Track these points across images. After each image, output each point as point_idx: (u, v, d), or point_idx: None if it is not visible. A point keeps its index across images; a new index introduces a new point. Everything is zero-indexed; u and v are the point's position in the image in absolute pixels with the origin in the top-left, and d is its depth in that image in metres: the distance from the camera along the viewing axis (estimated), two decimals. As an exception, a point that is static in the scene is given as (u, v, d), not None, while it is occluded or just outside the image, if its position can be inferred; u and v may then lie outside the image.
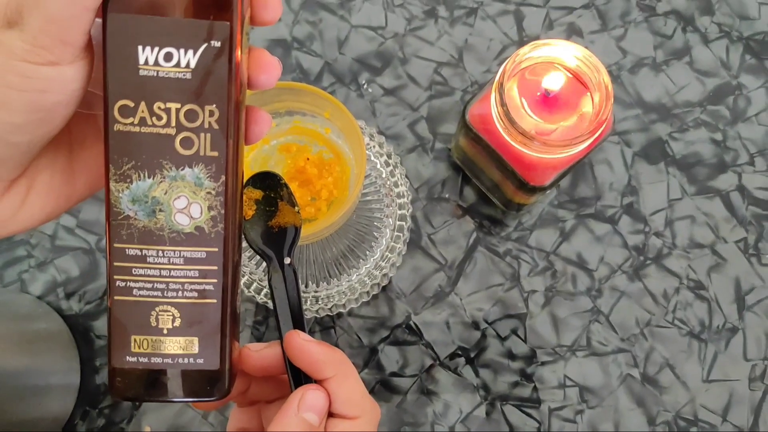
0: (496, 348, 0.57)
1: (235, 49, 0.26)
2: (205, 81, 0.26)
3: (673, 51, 0.63)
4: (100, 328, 0.57)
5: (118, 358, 0.27)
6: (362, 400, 0.35)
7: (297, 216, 0.40)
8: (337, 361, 0.34)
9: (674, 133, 0.61)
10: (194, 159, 0.27)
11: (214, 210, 0.27)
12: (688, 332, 0.57)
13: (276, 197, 0.40)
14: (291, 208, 0.40)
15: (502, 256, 0.59)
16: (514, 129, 0.46)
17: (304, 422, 0.33)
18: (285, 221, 0.40)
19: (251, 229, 0.40)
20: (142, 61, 0.26)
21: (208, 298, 0.27)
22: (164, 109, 0.26)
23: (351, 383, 0.34)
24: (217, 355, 0.28)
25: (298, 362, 0.35)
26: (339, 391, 0.34)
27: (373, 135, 0.55)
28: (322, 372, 0.34)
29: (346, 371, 0.34)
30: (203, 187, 0.27)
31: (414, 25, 0.63)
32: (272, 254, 0.39)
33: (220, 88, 0.26)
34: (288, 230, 0.39)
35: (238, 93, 0.27)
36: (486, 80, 0.62)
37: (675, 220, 0.59)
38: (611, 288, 0.58)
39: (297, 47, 0.62)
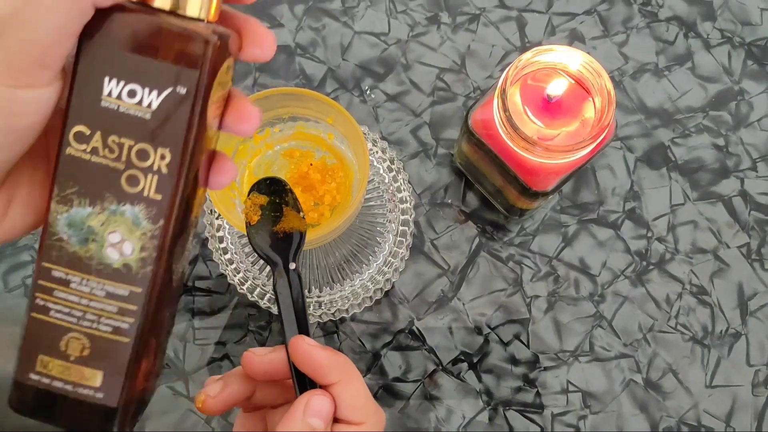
0: (498, 353, 0.57)
1: (199, 99, 0.26)
2: (164, 124, 0.26)
3: (675, 57, 0.63)
4: (104, 333, 0.57)
5: (22, 372, 0.27)
6: (367, 405, 0.35)
7: (302, 221, 0.40)
8: (342, 366, 0.34)
9: (676, 139, 0.61)
10: (137, 198, 0.26)
11: (146, 251, 0.27)
12: (691, 338, 0.57)
13: (281, 203, 0.41)
14: (296, 213, 0.40)
15: (504, 261, 0.59)
16: (517, 134, 0.46)
17: (309, 427, 0.33)
18: (290, 227, 0.40)
19: (256, 234, 0.40)
20: (106, 93, 0.26)
21: (121, 336, 0.27)
22: (117, 143, 0.26)
23: (356, 388, 0.34)
24: (118, 393, 0.27)
25: (303, 367, 0.35)
26: (344, 396, 0.34)
27: (376, 140, 0.55)
28: (327, 377, 0.34)
29: (351, 376, 0.35)
30: (140, 227, 0.27)
31: (417, 32, 0.63)
32: (277, 259, 0.39)
33: (177, 133, 0.26)
34: (293, 236, 0.40)
35: (198, 140, 0.27)
36: (488, 86, 0.62)
37: (677, 226, 0.59)
38: (614, 293, 0.58)
39: (300, 53, 0.62)
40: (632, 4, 0.64)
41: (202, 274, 0.58)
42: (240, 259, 0.53)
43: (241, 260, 0.53)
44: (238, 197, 0.49)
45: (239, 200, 0.49)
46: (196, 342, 0.57)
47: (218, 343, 0.57)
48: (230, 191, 0.48)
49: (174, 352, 0.57)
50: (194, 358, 0.57)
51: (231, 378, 0.37)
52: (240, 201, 0.49)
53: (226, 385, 0.37)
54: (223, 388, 0.37)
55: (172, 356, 0.57)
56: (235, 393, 0.37)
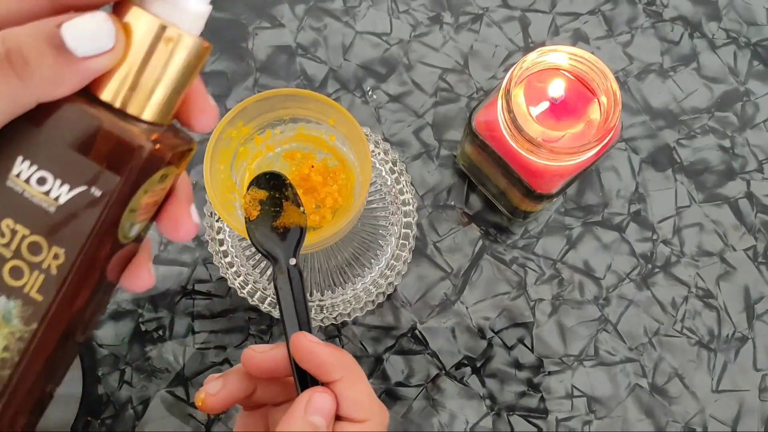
0: (502, 357, 0.56)
1: (113, 207, 0.23)
2: (66, 222, 0.23)
3: (680, 57, 0.62)
4: (103, 336, 0.57)
5: None
6: (370, 403, 0.34)
7: (302, 216, 0.39)
8: (345, 363, 0.34)
9: (682, 140, 0.60)
10: (15, 292, 0.24)
11: (8, 352, 0.24)
12: (697, 342, 0.57)
13: (281, 197, 0.40)
14: (296, 208, 0.40)
15: (508, 264, 0.58)
16: (521, 136, 0.45)
17: (311, 425, 0.32)
18: (290, 222, 0.39)
19: (256, 229, 0.39)
20: (15, 173, 0.23)
21: None
22: (11, 229, 0.23)
23: (359, 386, 0.34)
24: None
25: (305, 364, 0.34)
26: (346, 393, 0.33)
27: (378, 142, 0.54)
28: (330, 374, 0.33)
29: (354, 373, 0.34)
30: (9, 324, 0.24)
31: (419, 32, 0.62)
32: (278, 255, 0.38)
33: (78, 237, 0.23)
34: (293, 231, 0.39)
35: (101, 248, 0.24)
36: (491, 87, 0.61)
37: (683, 228, 0.59)
38: (619, 296, 0.57)
39: (301, 53, 0.62)
40: (637, 3, 0.63)
41: (202, 277, 0.58)
42: (240, 262, 0.52)
43: (241, 263, 0.52)
44: (238, 200, 0.49)
45: (240, 203, 0.49)
46: (196, 346, 0.56)
47: (218, 347, 0.56)
48: (230, 193, 0.48)
49: (173, 356, 0.56)
50: (194, 363, 0.56)
51: (231, 376, 0.37)
52: (240, 204, 0.49)
53: (226, 382, 0.36)
54: (224, 386, 0.36)
55: (172, 360, 0.56)
56: (235, 391, 0.36)
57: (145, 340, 0.57)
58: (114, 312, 0.57)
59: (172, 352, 0.56)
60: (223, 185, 0.47)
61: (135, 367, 0.56)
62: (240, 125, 0.46)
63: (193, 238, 0.27)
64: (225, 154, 0.47)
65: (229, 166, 0.48)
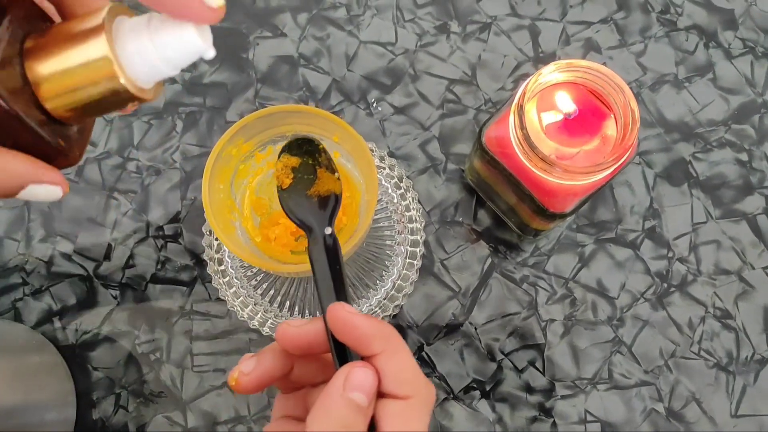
0: (512, 381, 0.54)
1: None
2: None
3: (695, 67, 0.60)
4: (97, 359, 0.55)
5: None
6: (415, 378, 0.31)
7: (337, 183, 0.38)
8: (386, 334, 0.31)
9: (698, 154, 0.58)
10: None
11: None
12: (715, 364, 0.54)
13: (314, 164, 0.38)
14: (330, 174, 0.38)
15: (518, 282, 0.56)
16: (534, 154, 0.43)
17: (350, 403, 0.29)
18: (325, 189, 0.37)
19: (288, 198, 0.38)
20: None
21: None
22: None
23: (402, 359, 0.31)
24: None
25: (343, 336, 0.31)
26: (389, 367, 0.30)
27: (384, 157, 0.52)
28: (370, 347, 0.30)
29: (397, 346, 0.31)
30: None
31: (425, 41, 0.60)
32: (312, 224, 0.36)
33: None
34: (328, 198, 0.37)
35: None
36: (500, 98, 0.59)
37: (700, 245, 0.56)
38: (634, 317, 0.55)
39: (304, 64, 0.60)
40: (650, 12, 0.61)
41: (200, 296, 0.55)
42: (241, 284, 0.50)
43: (242, 285, 0.50)
44: (238, 219, 0.47)
45: (240, 223, 0.47)
46: (195, 369, 0.54)
47: (218, 370, 0.54)
48: (230, 213, 0.46)
49: (171, 380, 0.54)
50: (192, 386, 0.54)
51: (266, 354, 0.34)
52: (240, 224, 0.47)
53: (261, 361, 0.33)
54: (258, 364, 0.33)
55: (169, 384, 0.54)
56: (270, 369, 0.33)
57: (142, 362, 0.54)
58: (109, 333, 0.55)
59: (170, 375, 0.54)
60: (223, 205, 0.45)
61: (131, 391, 0.54)
62: (240, 142, 0.44)
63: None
64: (224, 173, 0.45)
65: (229, 184, 0.46)
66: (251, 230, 0.47)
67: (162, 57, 0.23)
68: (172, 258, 0.56)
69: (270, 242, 0.47)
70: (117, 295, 0.56)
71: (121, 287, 0.56)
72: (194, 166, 0.57)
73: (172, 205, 0.57)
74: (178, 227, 0.57)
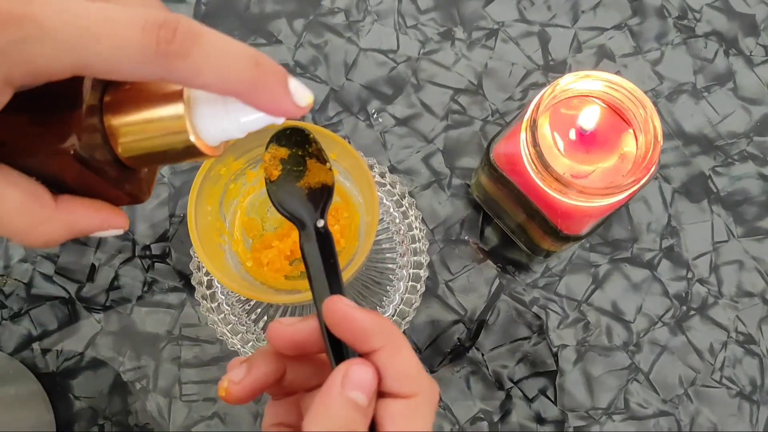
0: (522, 411, 0.51)
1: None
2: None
3: (715, 76, 0.57)
4: (80, 388, 0.51)
5: None
6: (418, 375, 0.28)
7: (329, 173, 0.35)
8: (386, 329, 0.28)
9: (718, 168, 0.55)
10: None
11: None
12: (737, 393, 0.51)
13: (304, 155, 0.36)
14: (322, 165, 0.36)
15: (528, 305, 0.53)
16: (548, 173, 0.40)
17: (350, 403, 0.27)
18: (315, 181, 0.35)
19: (278, 191, 0.35)
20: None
21: None
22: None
23: (403, 355, 0.28)
24: None
25: (340, 331, 0.29)
26: (390, 364, 0.28)
27: (385, 173, 0.49)
28: (369, 342, 0.28)
29: (398, 341, 0.28)
30: None
31: (428, 48, 0.57)
32: (303, 218, 0.34)
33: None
34: (319, 190, 0.35)
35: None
36: (508, 109, 0.56)
37: (721, 266, 0.53)
38: (651, 342, 0.52)
39: (300, 72, 0.56)
40: (667, 17, 0.58)
41: (190, 321, 0.52)
42: (232, 311, 0.47)
43: (233, 312, 0.47)
44: (228, 242, 0.43)
45: (229, 246, 0.43)
46: (183, 398, 0.51)
47: (208, 400, 0.51)
48: (219, 236, 0.42)
49: (158, 410, 0.51)
50: (180, 417, 0.51)
51: (258, 358, 0.31)
52: (230, 247, 0.43)
53: (252, 367, 0.31)
54: (249, 371, 0.30)
55: (156, 415, 0.51)
56: (262, 375, 0.31)
57: (127, 391, 0.51)
58: (92, 360, 0.52)
59: (157, 405, 0.51)
60: (211, 228, 0.42)
61: (115, 422, 0.51)
62: (230, 161, 0.41)
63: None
64: (213, 194, 0.41)
65: (218, 205, 0.42)
66: (242, 254, 0.44)
67: (234, 124, 0.24)
68: (160, 279, 0.53)
69: (262, 267, 0.44)
70: (101, 318, 0.52)
71: (105, 310, 0.52)
72: (183, 182, 0.54)
73: (160, 223, 0.54)
74: (166, 246, 0.53)
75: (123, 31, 0.21)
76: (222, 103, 0.24)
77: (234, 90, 0.23)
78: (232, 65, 0.22)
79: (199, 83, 0.22)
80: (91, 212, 0.25)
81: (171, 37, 0.21)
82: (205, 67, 0.22)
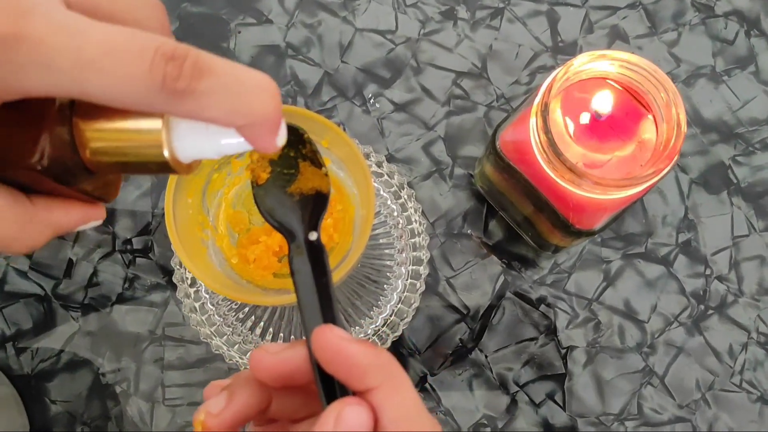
0: (529, 416, 0.48)
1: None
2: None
3: (735, 59, 0.53)
4: (56, 391, 0.48)
5: None
6: (418, 417, 0.26)
7: (324, 179, 0.32)
8: (384, 365, 0.25)
9: (738, 157, 0.51)
10: None
11: None
12: (758, 397, 0.48)
13: (297, 157, 0.32)
14: (316, 169, 0.32)
15: (534, 304, 0.49)
16: (561, 162, 0.36)
17: None
18: (309, 187, 0.32)
19: (265, 196, 0.32)
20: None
21: None
22: None
23: (403, 395, 0.26)
24: None
25: (332, 367, 0.26)
26: (388, 405, 0.25)
27: (382, 163, 0.45)
28: (364, 380, 0.25)
29: (396, 379, 0.26)
30: None
31: (429, 29, 0.53)
32: (294, 229, 0.30)
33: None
34: (313, 198, 0.31)
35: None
36: (514, 93, 0.52)
37: (741, 262, 0.50)
38: (666, 343, 0.49)
39: (292, 54, 0.53)
40: (684, -5, 0.54)
41: (173, 320, 0.49)
42: (217, 311, 0.44)
43: (218, 312, 0.44)
44: (212, 237, 0.40)
45: (213, 242, 0.40)
46: (166, 402, 0.48)
47: (192, 404, 0.48)
48: (201, 231, 0.39)
49: (139, 415, 0.48)
50: (163, 422, 0.48)
51: (239, 386, 0.28)
52: (214, 242, 0.40)
53: (232, 395, 0.28)
54: (229, 401, 0.27)
55: (137, 420, 0.48)
56: (244, 407, 0.28)
57: (106, 395, 0.48)
58: (69, 361, 0.48)
59: (138, 410, 0.48)
60: (192, 222, 0.38)
61: (94, 427, 0.48)
62: (212, 148, 0.37)
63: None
64: (194, 185, 0.38)
65: (200, 197, 0.39)
66: (227, 249, 0.41)
67: (213, 146, 0.23)
68: (142, 275, 0.49)
69: (249, 264, 0.40)
70: (78, 317, 0.49)
71: (84, 309, 0.49)
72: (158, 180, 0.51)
73: (142, 215, 0.50)
74: (149, 240, 0.50)
75: (130, 66, 0.20)
76: (204, 124, 0.23)
77: (235, 126, 0.22)
78: (239, 104, 0.22)
79: (202, 119, 0.22)
80: (69, 209, 0.25)
81: (178, 73, 0.20)
82: (210, 105, 0.21)
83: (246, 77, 0.22)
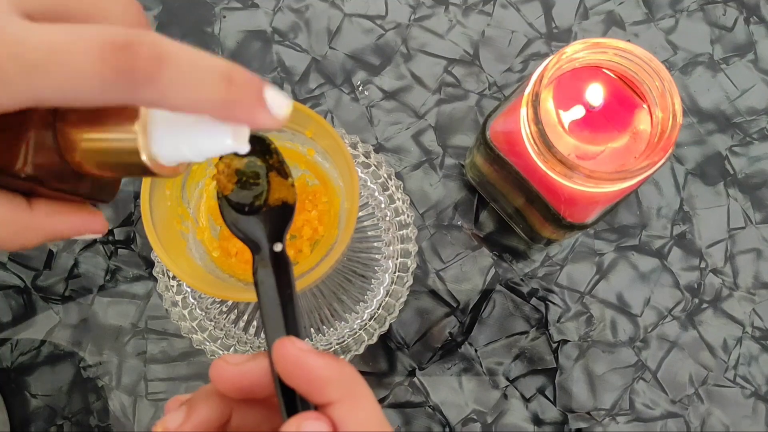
0: (519, 411, 0.47)
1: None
2: None
3: (734, 46, 0.52)
4: (36, 385, 0.47)
5: None
6: (380, 430, 0.25)
7: (290, 190, 0.32)
8: (345, 378, 0.25)
9: (735, 147, 0.50)
10: None
11: None
12: (752, 393, 0.47)
13: (263, 167, 0.31)
14: (283, 180, 0.32)
15: (526, 297, 0.48)
16: (552, 155, 0.35)
17: None
18: (275, 198, 0.32)
19: (231, 207, 0.31)
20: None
21: None
22: None
23: (364, 409, 0.25)
24: None
25: (292, 380, 0.25)
26: (348, 419, 0.25)
27: (369, 153, 0.44)
28: (324, 393, 0.25)
29: (358, 392, 0.26)
30: None
31: (420, 14, 0.52)
32: (259, 240, 0.30)
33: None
34: (279, 209, 0.31)
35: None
36: (506, 81, 0.51)
37: (737, 254, 0.49)
38: (659, 337, 0.48)
39: (278, 40, 0.51)
40: (682, -19, 0.53)
41: (156, 312, 0.48)
42: (199, 304, 0.42)
43: (200, 306, 0.42)
44: (192, 230, 0.39)
45: (193, 234, 0.39)
46: (149, 397, 0.47)
47: (176, 399, 0.47)
48: (181, 224, 0.38)
49: (121, 410, 0.47)
50: (146, 417, 0.47)
51: (199, 400, 0.28)
52: (194, 235, 0.39)
53: (192, 409, 0.27)
54: (189, 415, 0.27)
55: (119, 414, 0.47)
56: (203, 420, 0.27)
57: (88, 389, 0.47)
58: (49, 355, 0.47)
59: (120, 404, 0.47)
60: (171, 214, 0.37)
61: (75, 422, 0.47)
62: (191, 138, 0.36)
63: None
64: (172, 175, 0.37)
65: (179, 189, 0.38)
66: (208, 242, 0.39)
67: (192, 148, 0.23)
68: (124, 267, 0.48)
69: (230, 257, 0.39)
70: (59, 310, 0.48)
71: (64, 301, 0.48)
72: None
73: (124, 205, 0.49)
74: (131, 231, 0.49)
75: (77, 62, 0.19)
76: (183, 125, 0.23)
77: (205, 110, 0.22)
78: (202, 86, 0.21)
79: (167, 107, 0.21)
80: (68, 216, 0.25)
81: (133, 62, 0.20)
82: (173, 90, 0.21)
83: (205, 61, 0.21)
